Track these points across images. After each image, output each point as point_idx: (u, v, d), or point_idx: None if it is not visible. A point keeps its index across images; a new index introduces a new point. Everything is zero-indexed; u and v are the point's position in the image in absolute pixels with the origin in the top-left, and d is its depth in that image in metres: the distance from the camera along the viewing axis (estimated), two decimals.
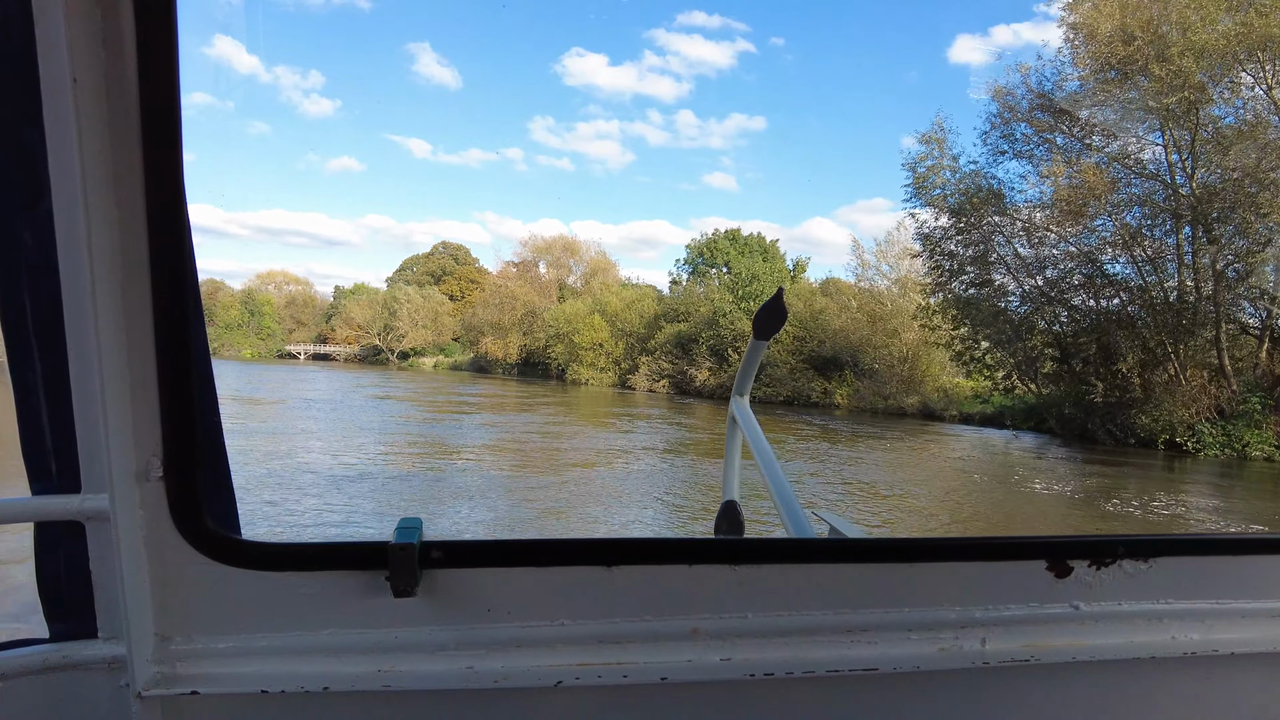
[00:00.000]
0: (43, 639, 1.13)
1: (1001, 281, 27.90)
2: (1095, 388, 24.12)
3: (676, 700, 1.14)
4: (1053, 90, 24.83)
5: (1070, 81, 24.02)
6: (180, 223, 0.95)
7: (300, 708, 1.08)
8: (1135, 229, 23.79)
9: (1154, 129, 23.26)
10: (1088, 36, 22.16)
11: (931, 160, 27.65)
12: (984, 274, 27.86)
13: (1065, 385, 26.28)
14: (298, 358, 71.84)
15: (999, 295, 28.03)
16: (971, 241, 27.67)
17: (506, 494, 12.05)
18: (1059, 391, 26.36)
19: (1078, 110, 23.62)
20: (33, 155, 0.95)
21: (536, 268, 65.63)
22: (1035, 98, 24.94)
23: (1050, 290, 26.59)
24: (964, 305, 28.44)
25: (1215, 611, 1.24)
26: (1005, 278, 27.82)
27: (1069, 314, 26.47)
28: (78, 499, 1.07)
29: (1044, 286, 26.76)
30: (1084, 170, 23.45)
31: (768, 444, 2.01)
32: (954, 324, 29.54)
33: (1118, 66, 21.27)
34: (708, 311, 44.64)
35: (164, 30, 0.87)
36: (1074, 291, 26.22)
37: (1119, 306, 24.78)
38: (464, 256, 79.93)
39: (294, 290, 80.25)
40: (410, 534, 1.06)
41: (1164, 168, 23.24)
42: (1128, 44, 20.74)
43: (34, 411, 1.06)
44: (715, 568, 1.12)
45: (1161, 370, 23.23)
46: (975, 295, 28.19)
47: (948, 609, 1.17)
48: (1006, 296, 28.03)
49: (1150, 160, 23.66)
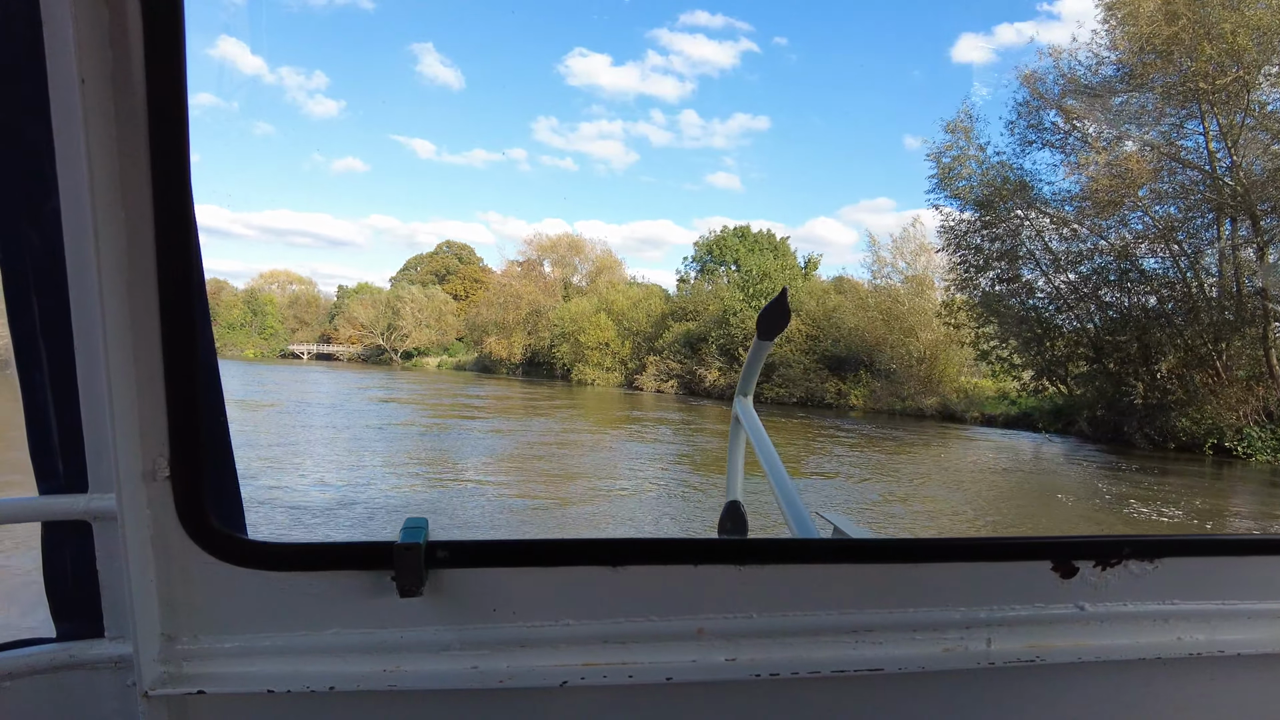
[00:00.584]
0: (49, 638, 1.15)
1: (1030, 278, 26.63)
2: (1134, 389, 22.72)
3: (681, 700, 1.14)
4: (1085, 76, 23.62)
5: (1106, 66, 22.76)
6: (187, 223, 0.94)
7: (306, 707, 1.08)
8: (1175, 221, 22.44)
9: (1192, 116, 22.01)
10: (1127, 17, 20.88)
11: (956, 150, 26.45)
12: (1012, 269, 26.57)
13: (1099, 386, 24.91)
14: (301, 357, 71.86)
15: (1027, 292, 26.73)
16: (999, 235, 26.40)
17: (529, 530, 10.80)
18: (1092, 392, 24.94)
19: (1114, 96, 22.35)
20: (40, 154, 0.96)
21: (541, 266, 65.12)
22: (1067, 83, 23.68)
23: (1083, 286, 25.28)
24: (991, 302, 27.14)
25: (1221, 612, 1.24)
26: (1034, 273, 26.54)
27: (1103, 311, 25.08)
28: (84, 499, 1.09)
29: (1076, 282, 25.47)
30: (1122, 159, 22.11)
31: (771, 444, 1.99)
32: (979, 322, 28.26)
33: (1161, 47, 20.00)
34: (717, 310, 43.63)
35: (171, 30, 0.87)
36: (1108, 288, 24.86)
37: (1158, 303, 23.34)
38: (468, 256, 79.77)
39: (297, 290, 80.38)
40: (416, 534, 1.06)
41: (1204, 157, 21.95)
42: (1172, 22, 19.49)
43: (41, 411, 1.07)
44: (720, 568, 1.12)
45: (1203, 371, 21.91)
46: (1003, 292, 26.90)
47: (952, 609, 1.17)
48: (1035, 294, 26.74)
49: (1190, 149, 22.37)
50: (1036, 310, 26.58)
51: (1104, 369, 24.78)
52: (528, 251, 65.97)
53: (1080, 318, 25.88)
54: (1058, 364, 26.34)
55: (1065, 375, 26.37)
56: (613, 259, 64.46)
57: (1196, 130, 22.08)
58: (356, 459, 14.57)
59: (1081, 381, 25.97)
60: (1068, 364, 26.20)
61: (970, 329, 29.05)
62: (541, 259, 65.43)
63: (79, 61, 0.85)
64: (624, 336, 49.86)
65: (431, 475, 13.36)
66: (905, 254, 38.09)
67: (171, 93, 0.88)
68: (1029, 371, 27.35)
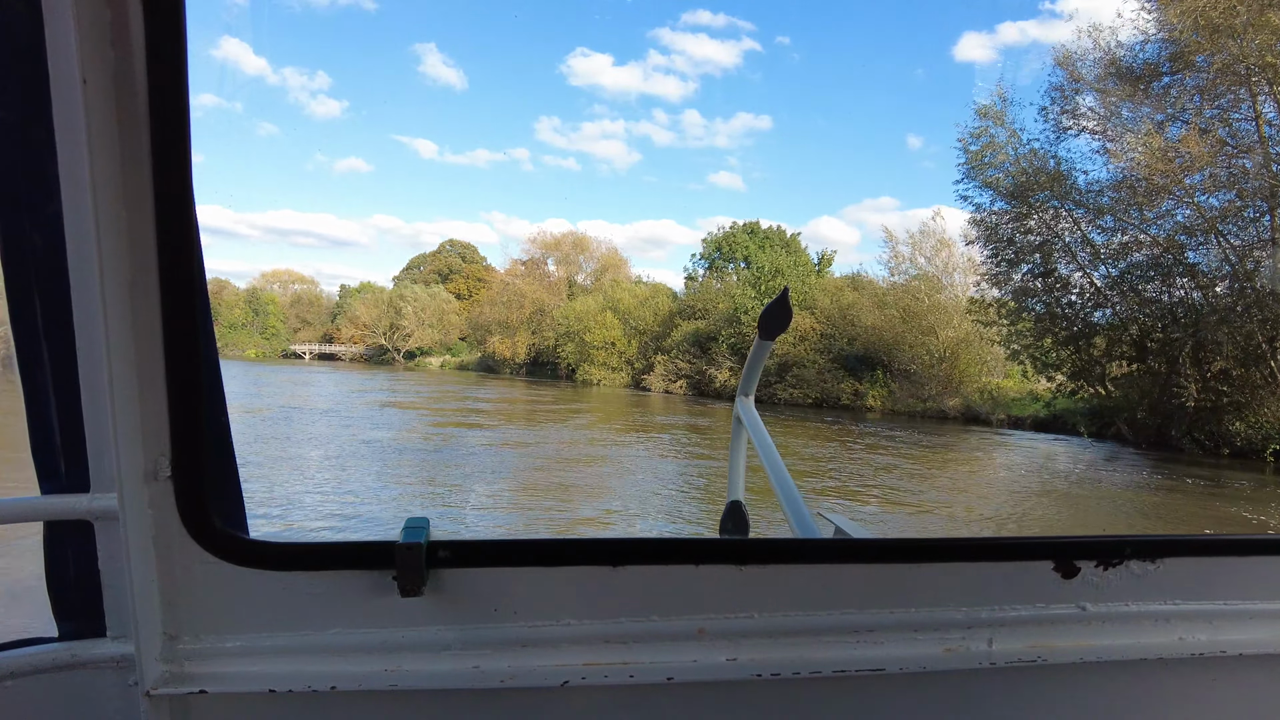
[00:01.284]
0: (52, 638, 1.14)
1: (1066, 272, 25.09)
2: (1186, 389, 21.14)
3: (682, 700, 1.14)
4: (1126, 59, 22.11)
5: (1152, 43, 21.25)
6: (189, 223, 0.94)
7: (307, 707, 1.08)
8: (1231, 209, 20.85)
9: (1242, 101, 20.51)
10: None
11: (985, 138, 24.96)
12: (1047, 263, 25.03)
13: (1142, 387, 23.35)
14: (303, 357, 71.08)
15: (1063, 287, 25.19)
16: (1032, 228, 24.89)
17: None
18: (1136, 394, 23.35)
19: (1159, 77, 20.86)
20: (42, 156, 0.96)
21: (545, 265, 64.13)
22: (1107, 64, 22.18)
23: (1125, 281, 23.73)
24: (1024, 298, 25.63)
25: (1223, 612, 1.23)
26: (1071, 268, 24.99)
27: (1147, 307, 23.47)
28: (86, 498, 1.09)
29: (1117, 277, 23.93)
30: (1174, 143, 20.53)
31: (773, 444, 1.97)
32: (1012, 319, 26.75)
33: (1220, 20, 18.49)
34: (727, 308, 42.33)
35: (173, 31, 0.87)
36: (1155, 282, 23.27)
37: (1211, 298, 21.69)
38: (471, 255, 79.05)
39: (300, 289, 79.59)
40: (417, 533, 1.06)
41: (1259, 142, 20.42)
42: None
43: (43, 411, 1.07)
44: (721, 568, 1.12)
45: (1258, 371, 20.38)
46: (1037, 287, 25.36)
47: (954, 609, 1.17)
48: (1071, 289, 25.18)
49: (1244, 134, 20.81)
50: (1073, 306, 25.05)
51: (1148, 368, 23.23)
52: (532, 250, 65.03)
53: (1121, 314, 24.32)
54: (1095, 363, 24.81)
55: (1103, 375, 24.82)
56: (618, 257, 63.43)
57: (1248, 116, 20.58)
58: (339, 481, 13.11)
59: (1121, 382, 24.43)
60: (1106, 363, 24.66)
61: (1002, 326, 27.56)
62: (546, 257, 64.46)
63: (81, 62, 0.85)
64: (630, 336, 48.72)
65: (432, 508, 11.86)
66: (925, 249, 36.71)
67: (173, 93, 0.88)
68: (1064, 370, 25.79)
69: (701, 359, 42.22)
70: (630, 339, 48.61)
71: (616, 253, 63.80)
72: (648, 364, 46.09)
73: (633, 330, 48.67)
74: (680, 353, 43.43)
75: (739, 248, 50.34)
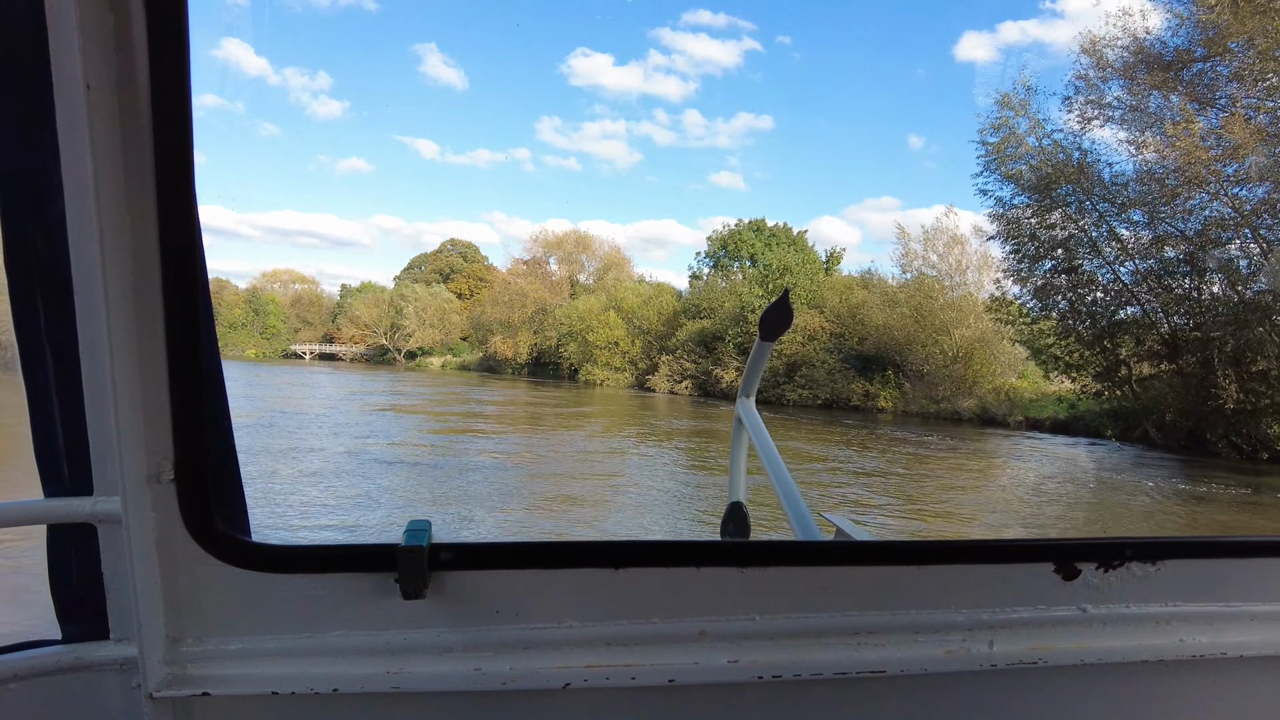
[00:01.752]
0: (55, 640, 1.14)
1: (1091, 269, 24.07)
2: (1225, 391, 20.12)
3: (684, 702, 1.14)
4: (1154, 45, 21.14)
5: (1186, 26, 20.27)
6: (191, 226, 0.95)
7: (310, 709, 1.08)
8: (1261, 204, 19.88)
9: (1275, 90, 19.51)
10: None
11: (1006, 129, 23.99)
12: (1071, 259, 24.04)
13: (1173, 388, 22.33)
14: (303, 357, 70.46)
15: (1088, 284, 24.18)
16: (1056, 223, 23.89)
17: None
18: (1170, 395, 22.31)
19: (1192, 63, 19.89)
20: (45, 159, 0.96)
21: (547, 264, 63.26)
22: (1136, 51, 21.20)
23: (1155, 277, 22.74)
24: (1048, 295, 24.64)
25: (1223, 614, 1.24)
26: (1096, 264, 23.99)
27: (1181, 305, 22.45)
28: (89, 501, 1.08)
29: (1146, 272, 22.94)
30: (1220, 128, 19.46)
31: (774, 445, 1.97)
32: (1034, 318, 25.77)
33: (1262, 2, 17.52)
34: (733, 307, 41.42)
35: (176, 33, 0.87)
36: (1186, 279, 22.27)
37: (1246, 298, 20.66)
38: (472, 254, 78.48)
39: (300, 289, 78.90)
40: (419, 536, 1.06)
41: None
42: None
43: (46, 414, 1.07)
44: (722, 570, 1.12)
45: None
46: (1061, 284, 24.37)
47: (955, 611, 1.17)
48: (1097, 286, 24.17)
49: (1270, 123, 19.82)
50: (1099, 303, 24.06)
51: (1179, 369, 22.24)
52: (534, 249, 64.28)
53: (1150, 312, 23.33)
54: (1122, 363, 23.82)
55: (1130, 376, 23.83)
56: (621, 256, 62.65)
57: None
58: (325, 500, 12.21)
59: (1148, 383, 23.43)
60: (1134, 363, 23.67)
61: (1023, 324, 26.57)
62: (548, 256, 63.69)
63: (84, 66, 0.86)
64: (634, 335, 47.84)
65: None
66: (937, 246, 35.75)
67: (176, 96, 0.88)
68: (1090, 370, 24.78)
69: (707, 359, 41.41)
70: (634, 339, 47.76)
71: (619, 252, 63.10)
72: (652, 364, 45.33)
73: (636, 330, 47.84)
74: (685, 352, 42.63)
75: (744, 245, 49.47)
